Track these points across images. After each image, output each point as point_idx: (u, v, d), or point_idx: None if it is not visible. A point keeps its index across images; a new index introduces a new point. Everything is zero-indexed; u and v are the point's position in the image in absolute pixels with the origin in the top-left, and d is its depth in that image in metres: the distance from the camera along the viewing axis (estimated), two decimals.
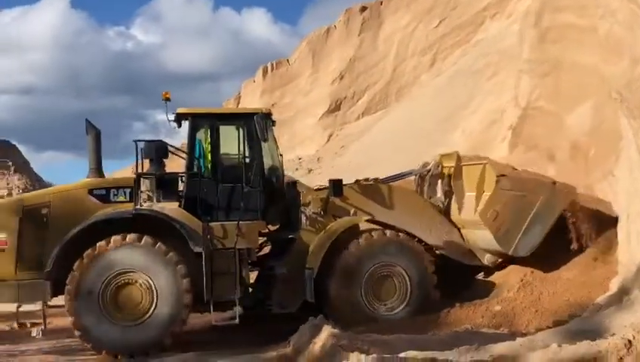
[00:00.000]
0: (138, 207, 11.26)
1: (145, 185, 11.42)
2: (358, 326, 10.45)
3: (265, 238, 12.30)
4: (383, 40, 46.38)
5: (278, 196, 11.82)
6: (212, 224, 11.25)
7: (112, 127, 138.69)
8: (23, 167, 69.15)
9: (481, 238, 11.89)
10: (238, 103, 49.10)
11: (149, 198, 11.37)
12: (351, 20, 47.46)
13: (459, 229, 12.33)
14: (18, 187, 51.80)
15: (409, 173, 12.99)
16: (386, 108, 42.61)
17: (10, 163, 53.73)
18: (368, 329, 10.00)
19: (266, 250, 12.60)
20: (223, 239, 11.27)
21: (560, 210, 11.61)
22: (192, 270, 11.00)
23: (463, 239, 12.30)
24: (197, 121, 11.64)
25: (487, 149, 20.47)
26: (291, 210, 11.94)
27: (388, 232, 11.71)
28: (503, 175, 11.68)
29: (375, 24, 47.25)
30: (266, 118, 11.67)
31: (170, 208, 11.26)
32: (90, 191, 11.27)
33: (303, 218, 11.77)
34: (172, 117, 11.83)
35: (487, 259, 12.12)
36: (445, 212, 12.42)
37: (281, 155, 12.24)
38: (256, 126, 11.29)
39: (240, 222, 11.27)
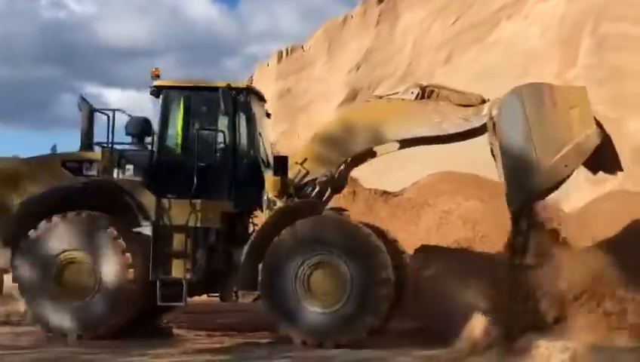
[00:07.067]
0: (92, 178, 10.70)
1: (106, 158, 10.99)
2: (293, 324, 9.90)
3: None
4: (400, 33, 46.78)
5: (252, 178, 11.01)
6: (167, 200, 10.56)
7: (41, 97, 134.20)
8: None
9: None
10: None
11: (108, 171, 10.91)
12: (368, 11, 47.78)
13: None
14: None
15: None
16: None
17: None
18: None
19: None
20: (178, 217, 10.55)
21: None
22: (140, 246, 10.42)
23: None
24: (170, 93, 11.11)
25: None
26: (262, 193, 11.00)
27: (325, 214, 10.40)
28: None
29: (392, 17, 47.61)
30: (239, 92, 11.02)
31: (125, 180, 10.70)
32: (64, 164, 10.99)
33: (264, 202, 10.80)
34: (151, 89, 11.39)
35: None
36: None
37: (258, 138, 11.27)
38: (221, 99, 10.58)
39: (197, 200, 10.52)
